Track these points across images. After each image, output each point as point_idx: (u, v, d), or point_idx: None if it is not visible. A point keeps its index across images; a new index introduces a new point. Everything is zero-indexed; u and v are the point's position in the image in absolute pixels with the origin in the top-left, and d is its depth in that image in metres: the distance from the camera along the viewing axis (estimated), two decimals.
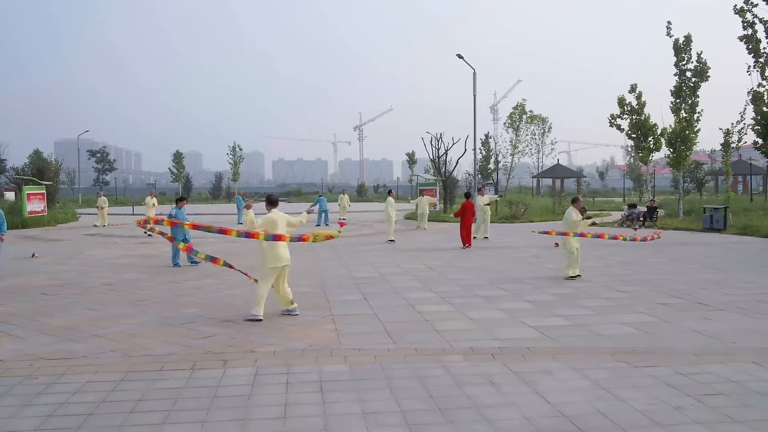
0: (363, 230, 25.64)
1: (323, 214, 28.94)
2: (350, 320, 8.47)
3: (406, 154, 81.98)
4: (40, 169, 35.41)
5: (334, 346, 7.12)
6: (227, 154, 74.46)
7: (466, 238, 18.20)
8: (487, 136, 69.99)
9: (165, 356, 6.73)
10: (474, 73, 31.03)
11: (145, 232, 8.37)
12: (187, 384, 5.80)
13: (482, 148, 67.96)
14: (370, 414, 4.99)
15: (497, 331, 7.81)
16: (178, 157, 74.42)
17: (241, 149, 75.32)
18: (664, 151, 30.52)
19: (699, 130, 30.00)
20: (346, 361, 6.49)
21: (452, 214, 24.38)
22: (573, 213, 12.46)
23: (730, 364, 6.29)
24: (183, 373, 6.11)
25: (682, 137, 29.37)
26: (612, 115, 29.05)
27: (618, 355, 6.63)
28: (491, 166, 67.49)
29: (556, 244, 18.15)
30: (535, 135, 60.72)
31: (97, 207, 29.40)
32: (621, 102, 28.76)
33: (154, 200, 28.03)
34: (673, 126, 29.66)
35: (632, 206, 27.46)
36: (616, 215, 32.45)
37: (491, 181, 62.85)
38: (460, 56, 30.79)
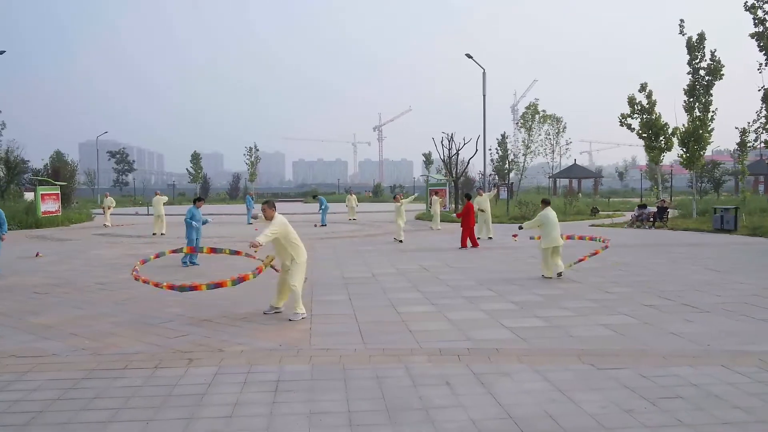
0: (370, 230, 25.66)
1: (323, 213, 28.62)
2: (327, 320, 8.48)
3: (423, 155, 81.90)
4: (55, 170, 35.96)
5: (303, 347, 7.13)
6: (244, 155, 74.93)
7: (466, 240, 18.13)
8: (503, 136, 69.60)
9: (132, 355, 6.80)
10: (483, 73, 30.96)
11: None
12: (146, 383, 5.85)
13: (499, 148, 67.61)
14: (316, 414, 4.98)
15: (472, 332, 7.76)
16: (195, 158, 75.13)
17: (257, 150, 75.77)
18: (677, 151, 30.14)
19: (713, 129, 29.56)
20: (309, 362, 6.49)
21: (454, 215, 24.28)
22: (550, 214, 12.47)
23: (698, 367, 6.19)
24: (145, 372, 6.16)
25: (695, 137, 28.97)
26: (622, 115, 28.72)
27: (585, 357, 6.55)
28: (508, 166, 67.04)
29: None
30: (549, 135, 60.20)
31: (103, 208, 29.56)
32: (631, 101, 28.44)
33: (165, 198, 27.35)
34: (686, 125, 29.27)
35: (642, 207, 27.12)
36: (629, 216, 32.04)
37: (506, 182, 62.64)
38: (469, 56, 30.73)
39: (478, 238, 19.40)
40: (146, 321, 8.52)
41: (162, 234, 23.38)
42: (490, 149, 65.58)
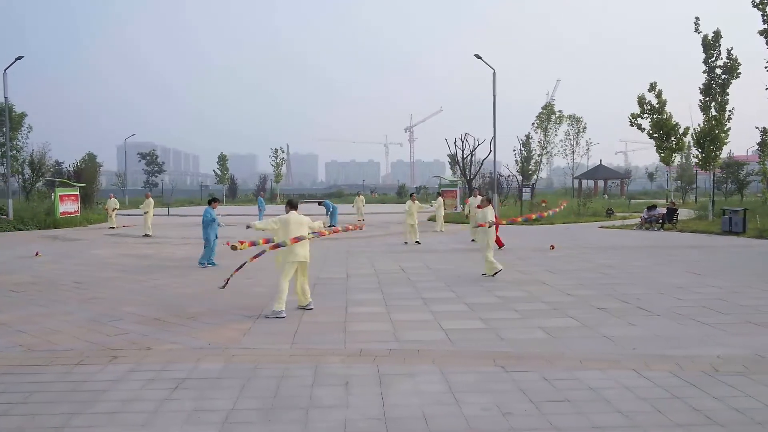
0: (375, 231, 25.69)
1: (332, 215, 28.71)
2: (270, 321, 8.60)
3: (448, 156, 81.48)
4: (76, 172, 36.89)
5: (231, 345, 7.27)
6: (270, 156, 75.78)
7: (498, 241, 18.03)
8: (528, 137, 68.95)
9: (62, 352, 7.02)
10: (494, 74, 30.74)
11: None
12: (60, 379, 6.05)
13: (523, 148, 66.95)
14: (198, 412, 5.11)
15: (405, 333, 7.81)
16: (222, 160, 76.18)
17: (283, 151, 76.60)
18: (693, 151, 29.55)
19: (729, 129, 28.90)
20: (225, 360, 6.62)
21: (466, 215, 24.17)
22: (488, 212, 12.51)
23: (608, 371, 6.14)
24: (64, 369, 6.37)
25: (711, 137, 28.36)
26: (632, 115, 28.25)
27: (500, 360, 6.54)
28: (532, 167, 66.45)
29: (552, 246, 17.87)
30: (569, 135, 59.39)
31: (106, 209, 29.59)
32: (641, 101, 27.95)
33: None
34: (701, 125, 28.68)
35: (652, 208, 26.62)
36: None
37: (530, 183, 62.03)
38: (478, 56, 30.56)
39: (473, 240, 19.35)
40: (97, 319, 8.76)
41: (147, 235, 23.76)
42: (514, 150, 65.21)
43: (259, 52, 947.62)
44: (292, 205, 9.42)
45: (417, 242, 20.12)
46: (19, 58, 29.02)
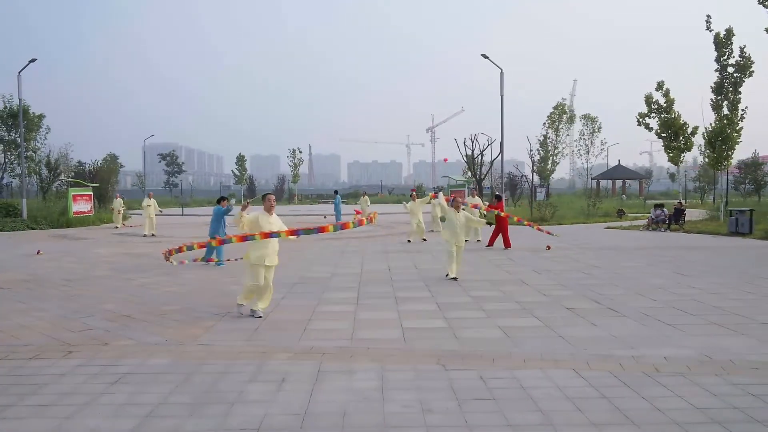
0: (378, 231, 25.74)
1: (339, 213, 28.86)
2: (236, 319, 8.71)
3: (465, 155, 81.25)
4: (91, 172, 37.53)
5: (188, 342, 7.40)
6: (287, 157, 76.28)
7: (508, 239, 18.09)
8: (545, 136, 68.45)
9: (22, 347, 7.20)
10: (501, 73, 30.65)
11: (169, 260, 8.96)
12: (8, 372, 6.21)
13: (541, 149, 66.47)
14: (128, 405, 5.23)
15: (363, 332, 7.86)
16: (240, 161, 76.97)
17: (301, 152, 77.09)
18: (703, 150, 29.13)
19: (742, 128, 28.46)
20: (175, 357, 6.75)
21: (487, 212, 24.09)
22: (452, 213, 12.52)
23: (548, 371, 6.13)
24: (16, 363, 6.54)
25: (723, 136, 27.96)
26: (640, 114, 27.93)
27: (444, 359, 6.57)
28: (549, 167, 65.96)
29: (548, 247, 17.78)
30: (583, 135, 58.81)
31: (112, 209, 29.86)
32: (648, 100, 27.60)
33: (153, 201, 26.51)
34: (713, 124, 28.28)
35: (659, 206, 26.28)
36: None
37: (546, 183, 61.56)
38: (485, 56, 30.49)
39: (466, 241, 19.31)
40: (69, 316, 8.95)
41: (152, 235, 24.12)
42: (531, 150, 64.73)
43: (281, 57, 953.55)
44: (262, 199, 9.14)
45: (423, 239, 20.26)
46: (33, 60, 29.64)
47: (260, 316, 8.72)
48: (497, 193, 24.97)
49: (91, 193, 33.22)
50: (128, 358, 6.71)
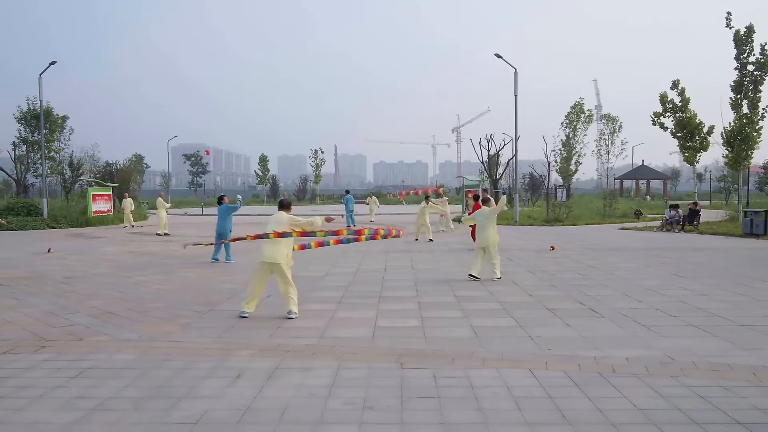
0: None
1: (350, 215, 28.73)
2: (216, 317, 8.82)
3: (489, 156, 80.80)
4: (111, 172, 38.21)
5: (160, 338, 7.55)
6: (309, 157, 76.68)
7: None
8: (568, 136, 67.71)
9: (1, 341, 7.40)
10: (515, 73, 30.45)
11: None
12: None
13: (563, 149, 65.73)
14: (77, 399, 5.36)
15: (336, 330, 7.92)
16: (263, 161, 77.61)
17: (323, 152, 77.43)
18: (722, 151, 28.56)
19: (761, 127, 27.85)
20: (142, 352, 6.88)
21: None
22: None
23: (503, 370, 6.12)
24: None
25: (742, 136, 27.38)
26: (655, 113, 27.49)
27: (405, 357, 6.59)
28: (572, 167, 65.17)
29: (552, 247, 17.65)
30: (603, 135, 58.05)
31: (122, 209, 30.17)
32: (663, 99, 27.16)
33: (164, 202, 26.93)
34: (732, 124, 27.72)
35: (674, 207, 25.86)
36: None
37: (567, 184, 60.92)
38: (498, 56, 30.32)
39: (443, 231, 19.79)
40: (56, 312, 9.17)
41: (166, 234, 24.48)
42: (553, 150, 64.04)
43: (311, 60, 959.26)
44: (281, 205, 9.31)
45: (430, 239, 20.39)
46: (53, 63, 30.32)
47: (292, 317, 8.60)
48: (476, 194, 24.49)
49: (111, 192, 33.80)
50: (96, 353, 6.86)
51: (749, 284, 11.24)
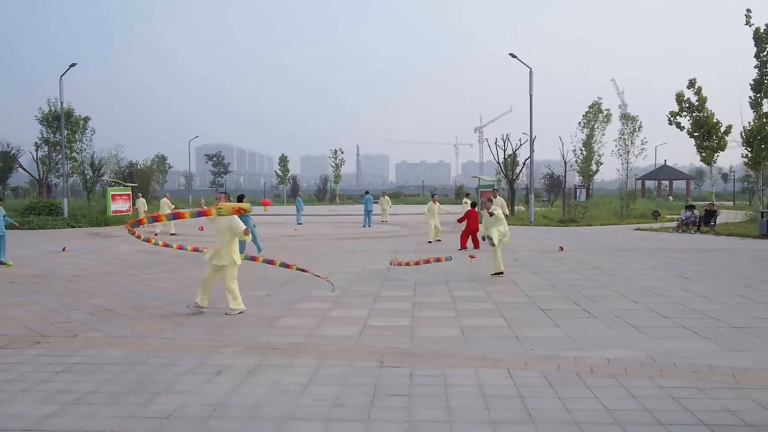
0: (402, 231, 25.80)
1: (368, 215, 28.86)
2: (210, 315, 8.96)
3: (508, 155, 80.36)
4: (130, 173, 38.81)
5: (152, 335, 7.71)
6: (329, 157, 77.00)
7: (465, 241, 18.22)
8: (589, 136, 67.08)
9: None
10: (530, 72, 30.32)
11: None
12: None
13: (584, 148, 65.14)
14: (58, 393, 5.51)
15: (326, 329, 8.00)
16: (283, 161, 78.13)
17: (342, 152, 77.69)
18: (740, 150, 28.12)
19: None
20: (131, 349, 7.04)
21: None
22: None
23: (481, 370, 6.15)
24: None
25: (762, 135, 26.93)
26: (671, 113, 27.15)
27: (386, 356, 6.65)
28: (591, 166, 64.52)
29: (561, 248, 17.56)
30: (623, 134, 57.39)
31: (136, 209, 30.43)
32: (679, 98, 26.80)
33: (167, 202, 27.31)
34: (752, 123, 27.27)
35: (690, 208, 25.52)
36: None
37: (587, 185, 60.35)
38: (513, 55, 30.20)
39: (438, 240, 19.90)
40: (57, 309, 9.38)
41: (173, 234, 24.80)
42: (573, 150, 63.49)
43: (336, 62, 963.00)
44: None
45: (438, 240, 20.43)
46: (73, 65, 30.90)
47: (199, 312, 8.88)
48: (490, 197, 24.27)
49: (130, 192, 34.35)
50: (87, 349, 7.03)
51: (754, 286, 11.08)
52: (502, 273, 12.39)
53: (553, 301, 9.76)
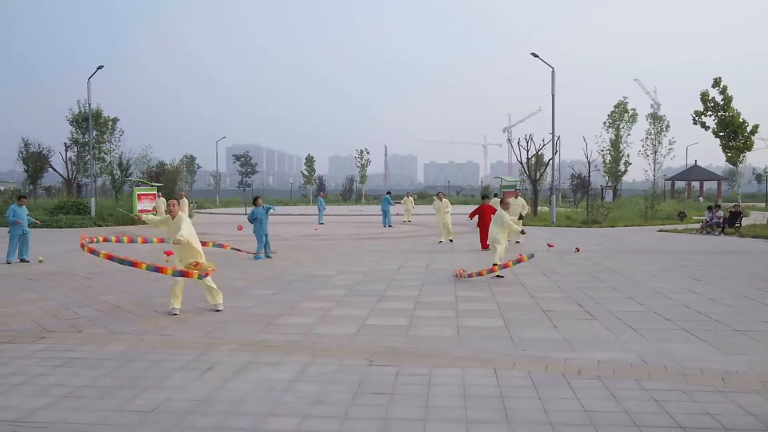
0: (421, 231, 25.79)
1: (384, 215, 28.78)
2: (213, 313, 9.13)
3: (531, 156, 79.73)
4: (156, 173, 39.47)
5: (153, 332, 7.88)
6: (355, 158, 77.24)
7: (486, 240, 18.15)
8: (617, 136, 66.18)
9: (5, 332, 7.87)
10: (552, 72, 30.07)
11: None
12: None
13: (612, 149, 64.31)
14: (51, 386, 5.69)
15: (324, 328, 8.09)
16: (309, 161, 78.68)
17: (368, 153, 77.95)
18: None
19: None
20: (132, 345, 7.21)
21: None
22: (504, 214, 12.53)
23: (468, 370, 6.17)
24: None
25: None
26: (696, 112, 26.68)
27: (376, 355, 6.71)
28: (620, 167, 63.66)
29: (577, 249, 17.42)
30: (650, 134, 56.42)
31: (154, 209, 30.93)
32: (704, 98, 26.33)
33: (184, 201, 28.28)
34: None
35: (715, 207, 25.01)
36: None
37: (614, 184, 59.52)
38: (535, 55, 30.00)
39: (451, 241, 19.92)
40: (67, 305, 9.65)
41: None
42: (601, 150, 62.71)
43: (365, 63, 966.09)
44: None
45: (450, 240, 20.36)
46: (100, 67, 31.57)
47: (175, 314, 8.93)
48: (484, 194, 23.88)
49: (155, 192, 34.91)
50: (88, 344, 7.22)
51: (765, 289, 10.87)
52: (501, 274, 12.28)
53: (556, 303, 9.71)
